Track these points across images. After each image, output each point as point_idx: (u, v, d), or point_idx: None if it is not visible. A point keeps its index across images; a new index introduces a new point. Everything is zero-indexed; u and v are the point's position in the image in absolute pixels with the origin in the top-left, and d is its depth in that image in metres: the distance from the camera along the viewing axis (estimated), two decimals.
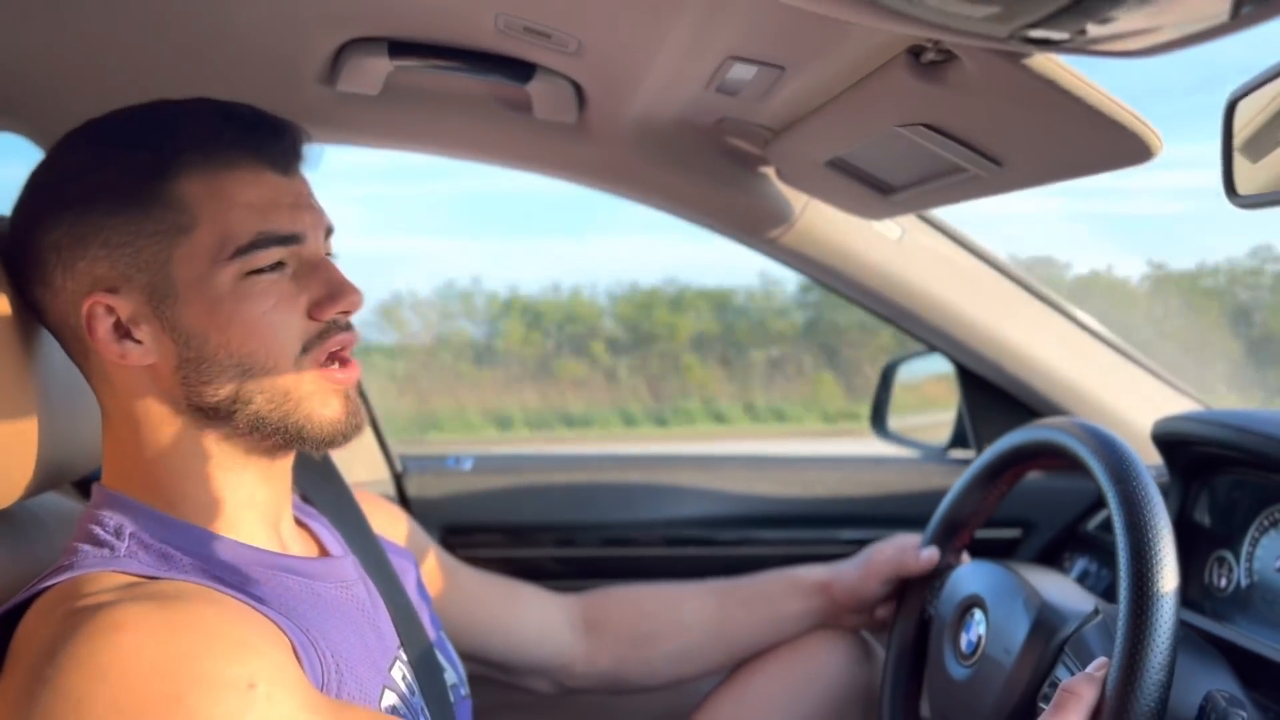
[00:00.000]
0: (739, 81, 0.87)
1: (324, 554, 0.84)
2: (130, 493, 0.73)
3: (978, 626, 0.94)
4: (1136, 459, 0.80)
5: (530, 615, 1.11)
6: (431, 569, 1.05)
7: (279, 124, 0.75)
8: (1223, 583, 1.03)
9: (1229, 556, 1.03)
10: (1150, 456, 1.14)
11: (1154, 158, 0.68)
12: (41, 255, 0.71)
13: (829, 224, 1.20)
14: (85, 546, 0.69)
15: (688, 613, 1.16)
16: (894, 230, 1.22)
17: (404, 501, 1.41)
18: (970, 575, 1.01)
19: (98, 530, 0.70)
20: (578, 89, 0.99)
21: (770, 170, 1.15)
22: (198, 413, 0.72)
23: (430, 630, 0.90)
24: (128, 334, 0.71)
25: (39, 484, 0.77)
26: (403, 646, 0.84)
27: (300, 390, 0.73)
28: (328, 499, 0.92)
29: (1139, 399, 1.32)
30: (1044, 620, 0.86)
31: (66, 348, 0.74)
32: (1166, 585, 0.72)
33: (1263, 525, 0.99)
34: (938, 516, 1.10)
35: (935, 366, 1.49)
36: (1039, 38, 0.53)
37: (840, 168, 0.97)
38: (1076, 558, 1.32)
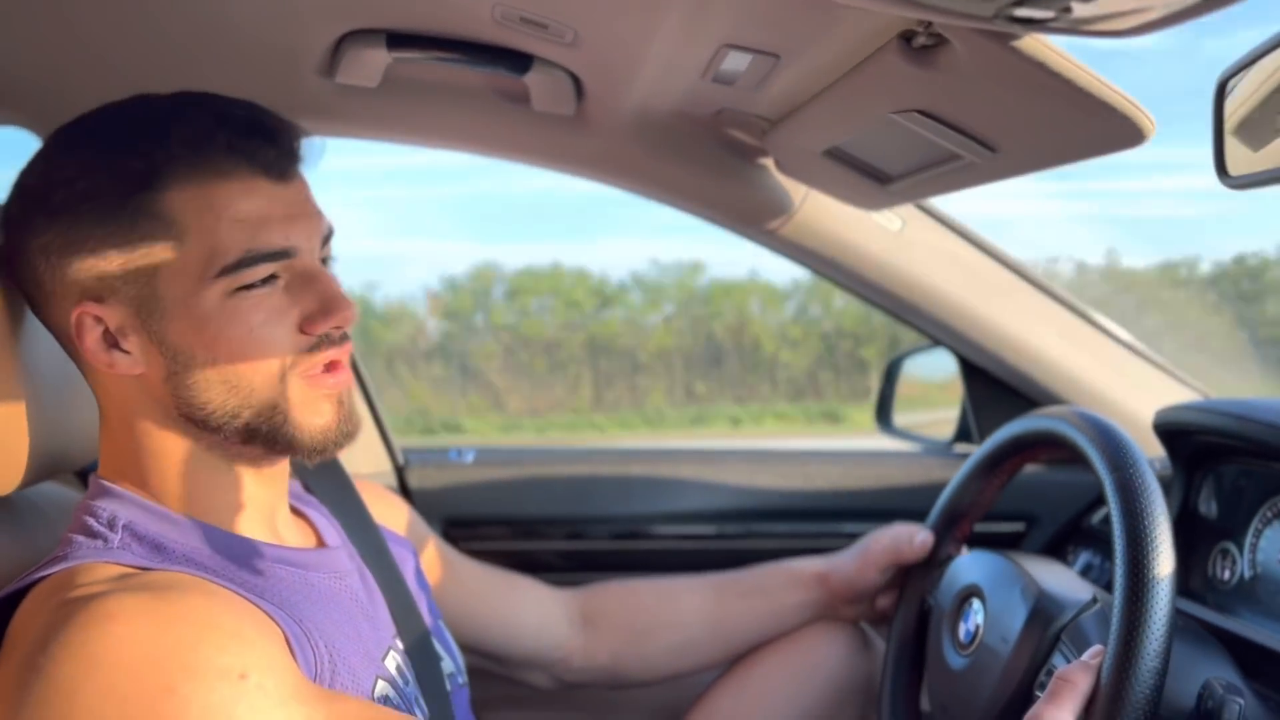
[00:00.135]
0: (734, 71, 0.87)
1: (320, 544, 0.84)
2: (125, 484, 0.74)
3: (976, 616, 0.94)
4: (1134, 447, 0.80)
5: (528, 608, 1.11)
6: (431, 559, 1.05)
7: (275, 127, 0.72)
8: (1226, 575, 1.02)
9: (1232, 548, 1.02)
10: (1154, 448, 1.14)
11: (1146, 141, 0.68)
12: (32, 258, 0.71)
13: (828, 215, 1.19)
14: (79, 537, 0.70)
15: (685, 607, 1.16)
16: (894, 222, 1.22)
17: (406, 494, 1.41)
18: (969, 565, 1.00)
19: (92, 521, 0.71)
20: (575, 80, 0.99)
21: (769, 161, 1.15)
22: (189, 421, 0.72)
23: (428, 619, 0.91)
24: (116, 344, 0.70)
25: (36, 474, 0.77)
26: (398, 636, 0.84)
27: (290, 402, 0.72)
28: (328, 488, 0.92)
29: (1141, 390, 1.32)
30: (1041, 609, 0.86)
31: (62, 345, 0.74)
32: (1162, 572, 0.72)
33: (1266, 517, 0.98)
34: (938, 507, 1.10)
35: (939, 361, 1.49)
36: (1025, 16, 0.53)
37: (838, 157, 0.97)
38: (1080, 551, 1.31)
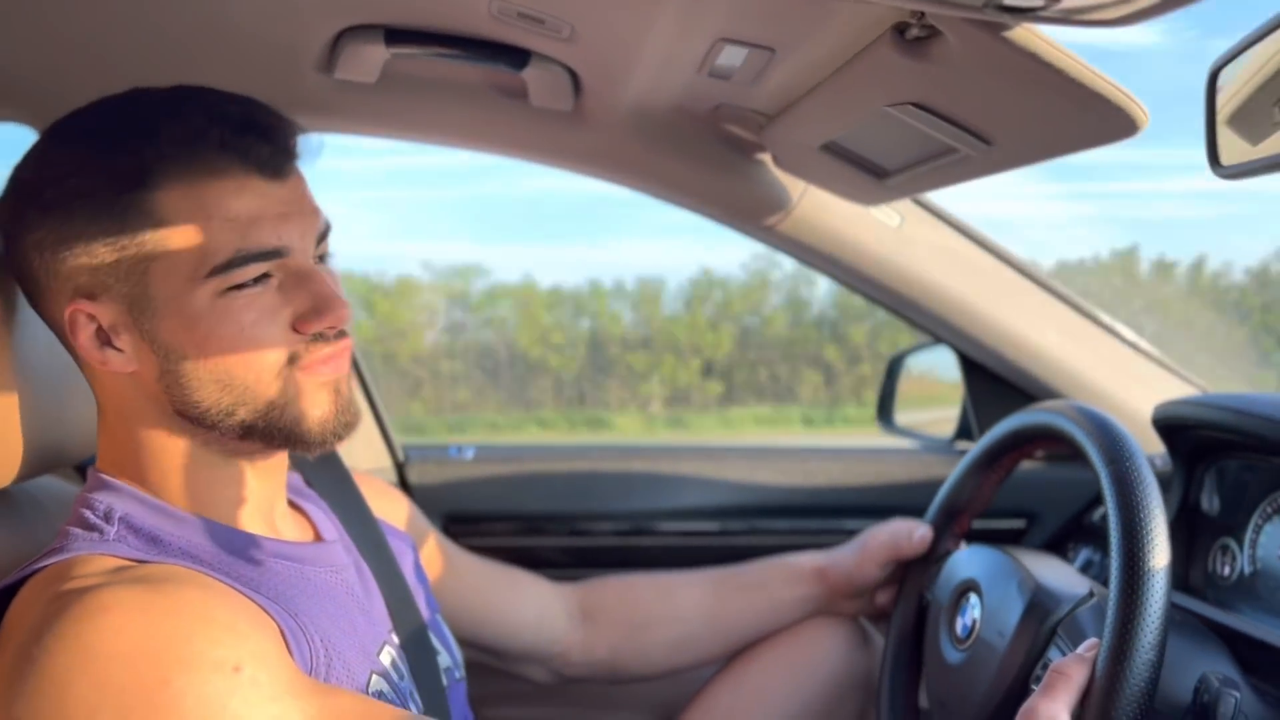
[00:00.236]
0: (730, 65, 0.87)
1: (318, 538, 0.84)
2: (122, 477, 0.74)
3: (973, 610, 0.94)
4: (1130, 440, 0.80)
5: (526, 602, 1.11)
6: (430, 553, 1.05)
7: (270, 123, 0.72)
8: (1226, 571, 1.02)
9: (1233, 544, 1.02)
10: (1154, 444, 1.13)
11: (1139, 131, 0.68)
12: (27, 253, 0.71)
13: (827, 211, 1.19)
14: (75, 530, 0.70)
15: (683, 601, 1.16)
16: (893, 217, 1.22)
17: (406, 490, 1.41)
18: (967, 560, 1.00)
19: (88, 514, 0.71)
20: (573, 76, 1.00)
21: (767, 157, 1.15)
22: (184, 418, 0.72)
23: (425, 613, 0.91)
24: (108, 341, 0.70)
25: (34, 467, 0.78)
26: (394, 630, 0.84)
27: (286, 396, 0.72)
28: (327, 482, 0.93)
29: (1141, 385, 1.31)
30: (1038, 602, 0.86)
31: (59, 339, 0.74)
32: (1158, 564, 0.71)
33: (1266, 513, 0.98)
34: (936, 503, 1.10)
35: (941, 358, 1.49)
36: (1014, 5, 0.53)
37: (835, 152, 0.97)
38: (1081, 548, 1.31)
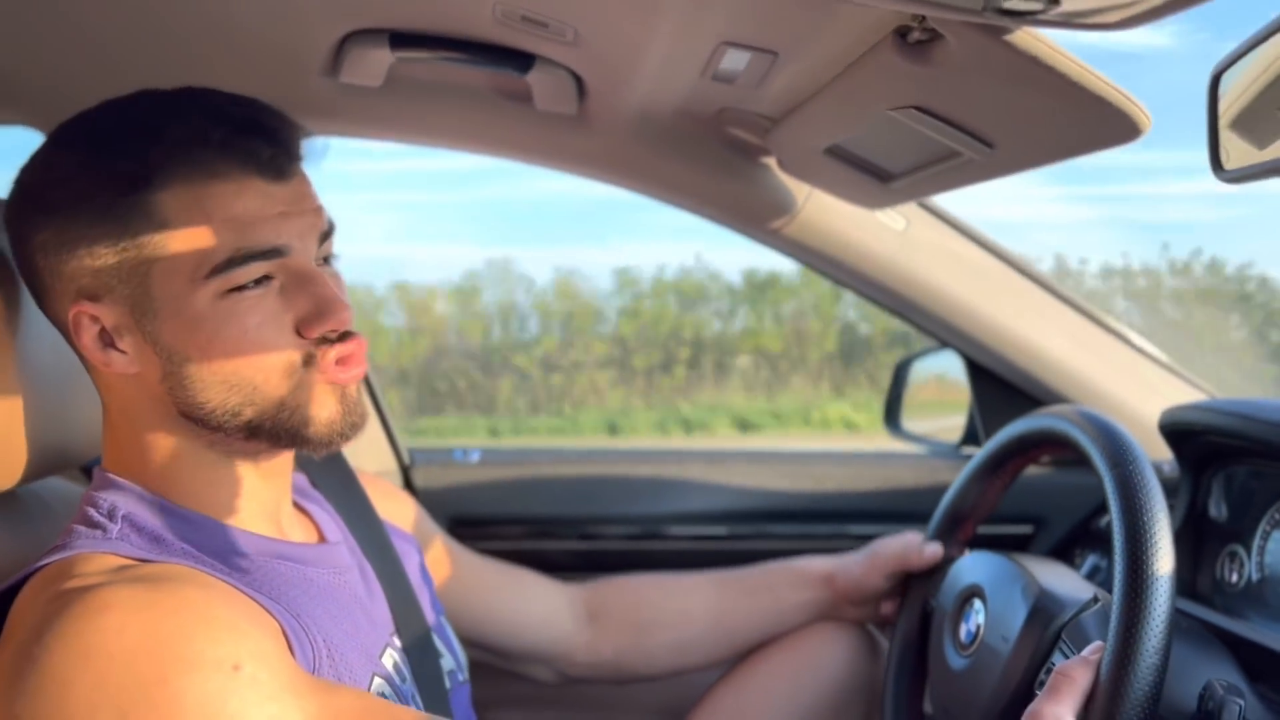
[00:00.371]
0: (734, 69, 0.87)
1: (322, 540, 0.84)
2: (127, 476, 0.74)
3: (977, 616, 0.93)
4: (1134, 444, 0.80)
5: (532, 602, 1.11)
6: (436, 554, 1.06)
7: (272, 125, 0.72)
8: (1234, 577, 1.01)
9: (1240, 551, 1.01)
10: (1162, 450, 1.13)
11: (1142, 135, 0.67)
12: (32, 255, 0.71)
13: (832, 215, 1.19)
14: (80, 527, 0.70)
15: (690, 602, 1.16)
16: (898, 221, 1.22)
17: (411, 493, 1.41)
18: (971, 566, 1.00)
19: (92, 512, 0.71)
20: (577, 79, 1.00)
21: (772, 161, 1.15)
22: (188, 419, 0.72)
23: (429, 615, 0.91)
24: (112, 343, 0.71)
25: (39, 469, 0.78)
26: (397, 633, 0.84)
27: (296, 399, 0.71)
28: (332, 484, 0.93)
29: (1149, 391, 1.31)
30: (1042, 607, 0.85)
31: (65, 339, 0.75)
32: (1162, 567, 0.71)
33: (1274, 519, 0.97)
34: (941, 509, 1.09)
35: (948, 363, 1.48)
36: (1013, 9, 0.53)
37: (839, 155, 0.97)
38: (1088, 554, 1.30)
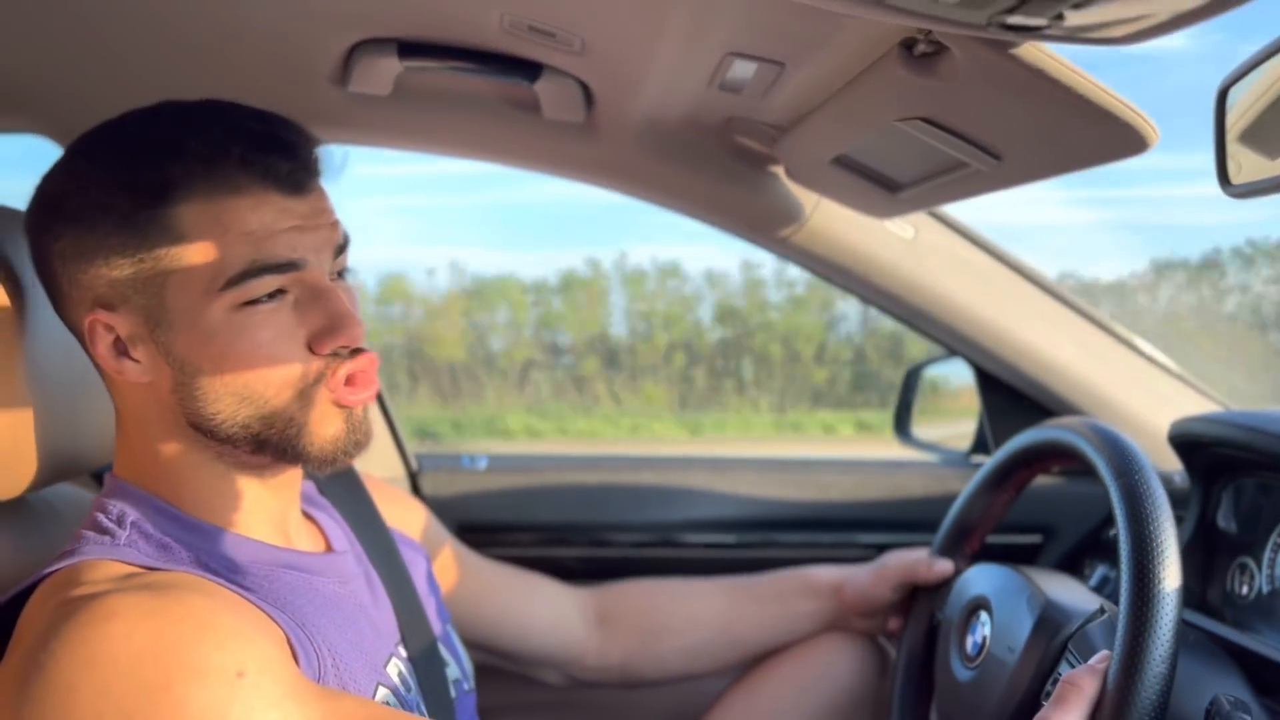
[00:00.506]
0: (741, 79, 0.87)
1: (329, 549, 0.85)
2: (137, 483, 0.74)
3: (983, 628, 0.93)
4: (1139, 454, 0.79)
5: (542, 606, 1.12)
6: (445, 560, 1.06)
7: (291, 140, 0.72)
8: (1244, 590, 1.00)
9: (1251, 563, 1.00)
10: (1173, 461, 1.12)
11: (1149, 148, 0.67)
12: (50, 262, 0.72)
13: (840, 224, 1.19)
14: (89, 533, 0.71)
15: (699, 608, 1.17)
16: (907, 230, 1.21)
17: (418, 499, 1.42)
18: (976, 578, 1.00)
19: (102, 518, 0.72)
20: (585, 88, 1.00)
21: (780, 170, 1.15)
22: (197, 430, 0.73)
23: (436, 624, 0.91)
24: (126, 352, 0.71)
25: (49, 476, 0.78)
26: (403, 642, 0.84)
27: (303, 416, 0.72)
28: (340, 491, 0.93)
29: (1160, 401, 1.30)
30: (1048, 617, 0.85)
31: (81, 346, 0.75)
32: (1168, 575, 0.71)
33: None
34: (947, 522, 1.09)
35: (958, 371, 1.48)
36: (1018, 24, 0.53)
37: (847, 165, 0.97)
38: (1097, 564, 1.29)
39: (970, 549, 1.08)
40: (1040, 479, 1.40)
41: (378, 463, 1.39)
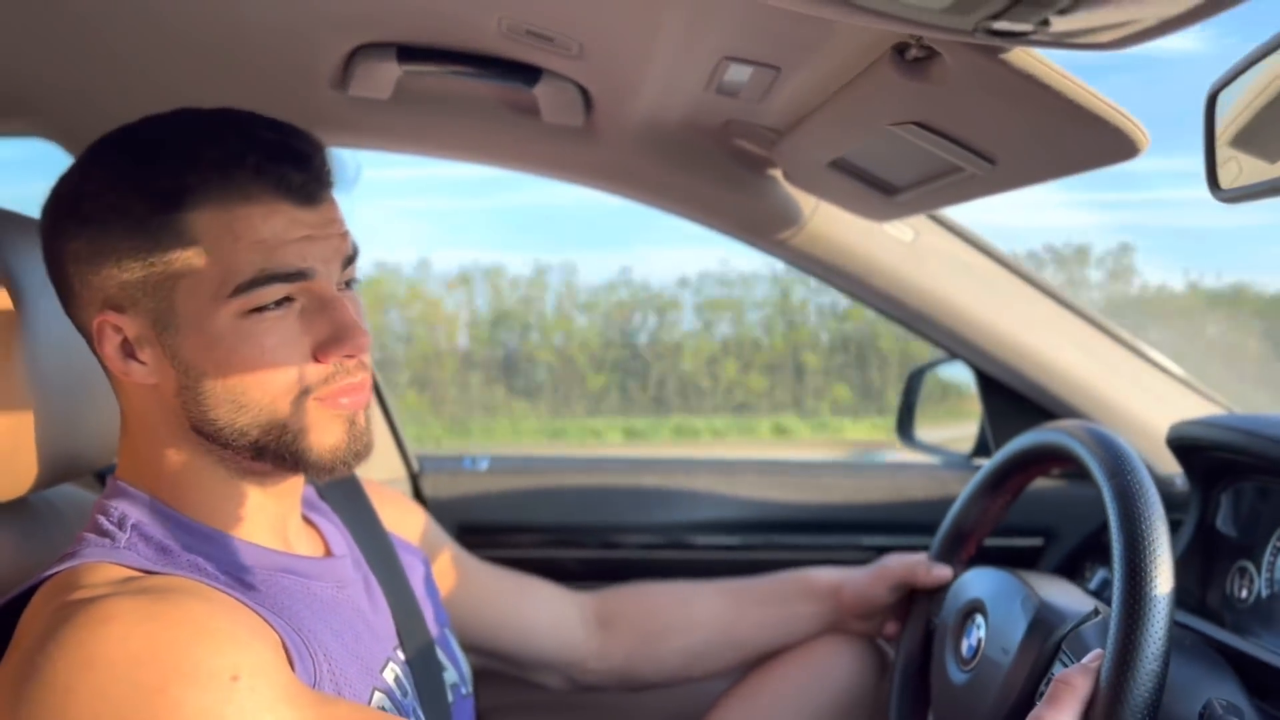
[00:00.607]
0: (737, 82, 0.87)
1: (328, 553, 0.85)
2: (139, 486, 0.75)
3: (978, 631, 0.93)
4: (1132, 455, 0.80)
5: (542, 610, 1.12)
6: (445, 564, 1.06)
7: (304, 151, 0.73)
8: (1244, 593, 1.00)
9: (1250, 567, 1.00)
10: (1174, 463, 1.12)
11: (1140, 154, 0.67)
12: (63, 262, 0.73)
13: (840, 227, 1.19)
14: (90, 535, 0.72)
15: (699, 611, 1.17)
16: (906, 233, 1.21)
17: (420, 501, 1.42)
18: (972, 581, 1.00)
19: (103, 520, 0.73)
20: (584, 92, 1.00)
21: (779, 173, 1.15)
22: (199, 434, 0.73)
23: (433, 628, 0.91)
24: (132, 354, 0.72)
25: (51, 476, 0.79)
26: (400, 646, 0.85)
27: (301, 424, 0.73)
28: (339, 496, 0.93)
29: (1162, 404, 1.29)
30: (1042, 619, 0.85)
31: (89, 346, 0.76)
32: (1160, 574, 0.71)
33: None
34: (944, 526, 1.09)
35: (962, 373, 1.48)
36: (1004, 29, 0.53)
37: (844, 168, 0.97)
38: (1098, 568, 1.29)
39: (968, 553, 1.08)
40: (1042, 482, 1.40)
41: (379, 464, 1.39)
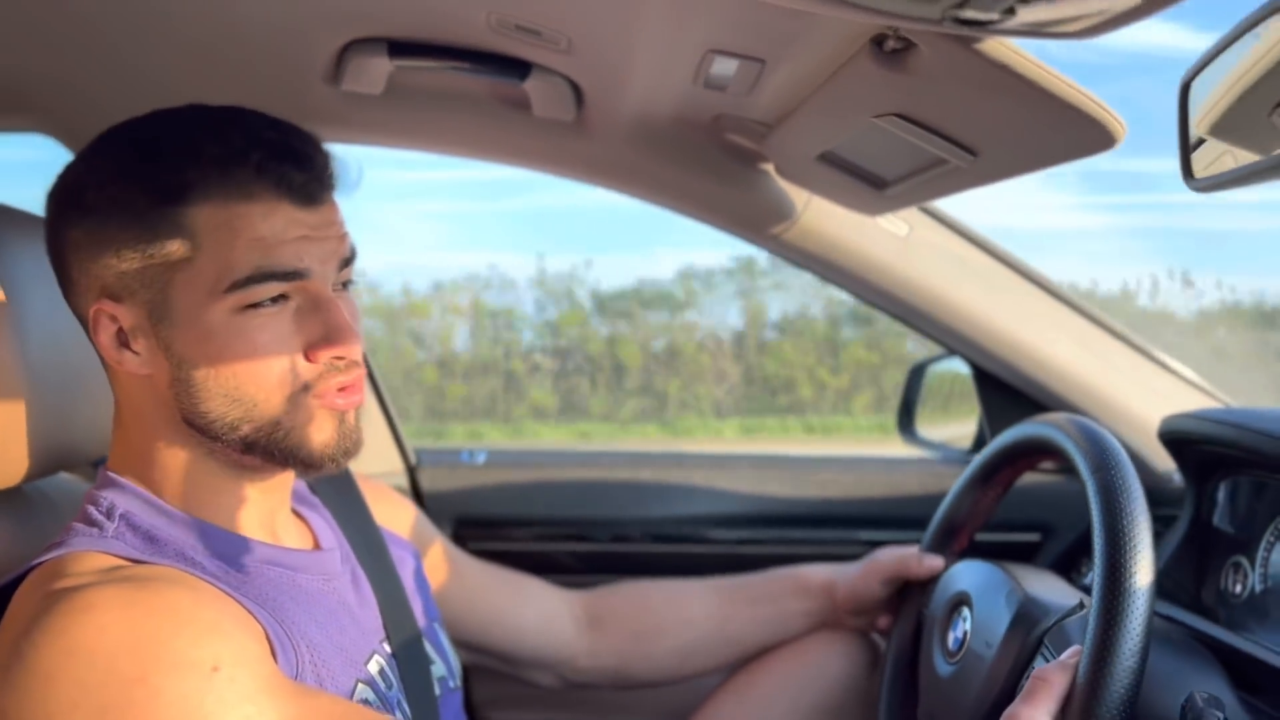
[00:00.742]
0: (724, 75, 0.87)
1: (316, 546, 0.86)
2: (129, 476, 0.76)
3: (964, 623, 0.93)
4: (1117, 449, 0.79)
5: (532, 607, 1.12)
6: (435, 559, 1.07)
7: (306, 152, 0.74)
8: (1238, 589, 0.99)
9: (1244, 562, 1.00)
10: (1170, 459, 1.11)
11: (1117, 144, 0.67)
12: (64, 250, 0.74)
13: (833, 221, 1.19)
14: (78, 525, 0.73)
15: (692, 609, 1.17)
16: (901, 227, 1.21)
17: (417, 495, 1.43)
18: (960, 574, 1.00)
19: (92, 510, 0.74)
20: (574, 87, 1.01)
21: (770, 167, 1.15)
22: (190, 426, 0.74)
23: (422, 621, 0.92)
24: (127, 344, 0.73)
25: (44, 466, 0.80)
26: (387, 639, 0.85)
27: (293, 420, 0.74)
28: (330, 490, 0.94)
29: (1158, 397, 1.29)
30: (1025, 613, 0.85)
31: (86, 334, 0.77)
32: (1140, 572, 0.71)
33: (1278, 530, 0.96)
34: (936, 519, 1.09)
35: (962, 368, 1.47)
36: (971, 18, 0.53)
37: (833, 162, 0.97)
38: (1094, 563, 1.29)
39: (959, 545, 1.08)
40: (1039, 478, 1.40)
41: (377, 458, 1.40)
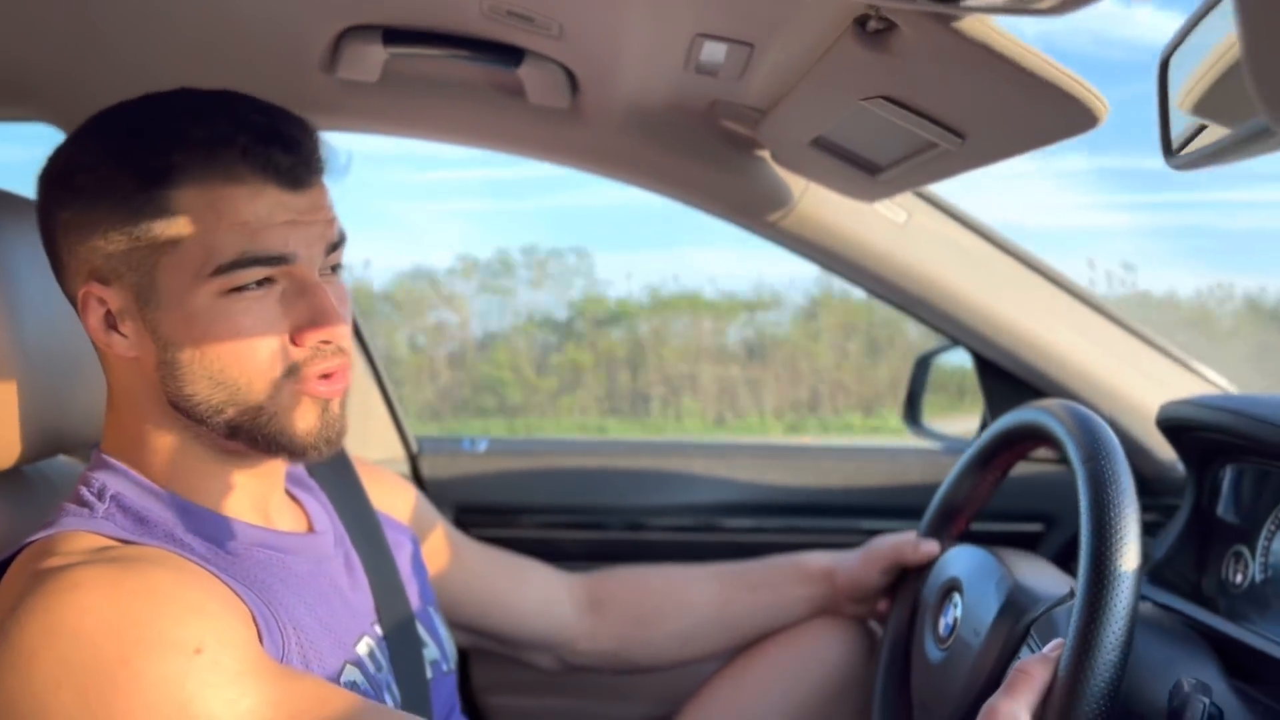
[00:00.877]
0: (714, 61, 0.87)
1: (310, 529, 0.86)
2: (120, 458, 0.77)
3: (955, 610, 0.93)
4: (1109, 438, 0.79)
5: (532, 590, 1.13)
6: (435, 543, 1.07)
7: (293, 135, 0.74)
8: (1239, 578, 0.99)
9: (1245, 551, 0.99)
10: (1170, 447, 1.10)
11: (1099, 124, 0.66)
12: (54, 233, 0.75)
13: (830, 207, 1.18)
14: (70, 505, 0.74)
15: (692, 594, 1.17)
16: (899, 214, 1.20)
17: (419, 481, 1.44)
18: (953, 559, 0.99)
19: (84, 490, 0.74)
20: (569, 73, 1.01)
21: (767, 154, 1.14)
22: (177, 409, 0.75)
23: (416, 604, 0.92)
24: (115, 326, 0.74)
25: (39, 449, 0.81)
26: (378, 622, 0.86)
27: (276, 405, 0.74)
28: (327, 473, 0.94)
29: (1158, 384, 1.27)
30: (1013, 601, 0.85)
31: (78, 316, 0.78)
32: (1125, 565, 0.70)
33: (1279, 519, 0.95)
34: (933, 505, 1.09)
35: (966, 358, 1.46)
36: None
37: (826, 147, 0.97)
38: None
39: (957, 529, 1.08)
40: (1043, 467, 1.39)
41: (379, 444, 1.41)
